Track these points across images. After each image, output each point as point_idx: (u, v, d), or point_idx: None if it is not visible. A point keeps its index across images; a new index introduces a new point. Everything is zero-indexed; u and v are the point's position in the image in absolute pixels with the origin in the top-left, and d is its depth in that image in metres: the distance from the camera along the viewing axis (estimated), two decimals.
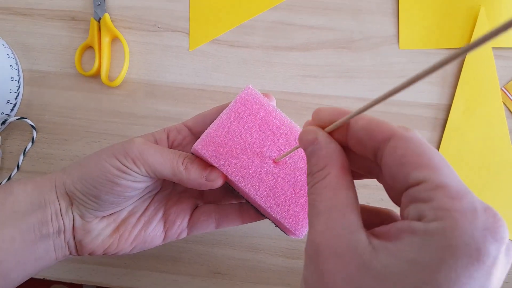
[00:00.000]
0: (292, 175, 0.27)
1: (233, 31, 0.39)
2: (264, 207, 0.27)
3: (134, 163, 0.26)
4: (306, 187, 0.20)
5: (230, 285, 0.37)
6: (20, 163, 0.39)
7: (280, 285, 0.37)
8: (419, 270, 0.14)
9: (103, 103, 0.39)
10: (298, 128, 0.28)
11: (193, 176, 0.26)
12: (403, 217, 0.16)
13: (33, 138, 0.39)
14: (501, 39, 0.38)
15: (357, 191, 0.18)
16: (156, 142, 0.30)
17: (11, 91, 0.38)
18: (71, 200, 0.27)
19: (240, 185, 0.27)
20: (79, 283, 0.39)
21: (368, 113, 0.18)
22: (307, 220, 0.26)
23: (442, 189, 0.15)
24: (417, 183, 0.16)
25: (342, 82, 0.38)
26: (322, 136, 0.19)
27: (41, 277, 0.39)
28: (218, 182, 0.27)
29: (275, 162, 0.28)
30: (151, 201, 0.31)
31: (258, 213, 0.30)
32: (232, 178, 0.27)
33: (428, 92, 0.38)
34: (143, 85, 0.39)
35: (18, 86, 0.39)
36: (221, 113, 0.27)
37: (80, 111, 0.40)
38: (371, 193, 0.37)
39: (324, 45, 0.39)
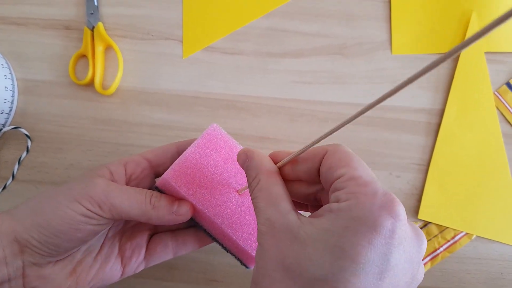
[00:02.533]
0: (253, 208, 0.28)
1: (226, 38, 0.40)
2: (230, 235, 0.28)
3: (100, 207, 0.25)
4: None
5: None
6: (15, 172, 0.39)
7: None
8: (331, 235, 0.18)
9: (97, 111, 0.40)
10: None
11: (162, 213, 0.26)
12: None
13: (28, 147, 0.39)
14: (493, 43, 0.38)
15: None
16: (112, 175, 0.28)
17: (5, 101, 0.38)
18: (22, 248, 0.25)
19: (208, 214, 0.28)
20: None
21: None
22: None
23: (354, 180, 0.19)
24: (337, 178, 0.20)
25: (335, 88, 0.38)
26: (250, 152, 0.24)
27: None
28: (187, 216, 0.27)
29: (239, 194, 0.29)
30: (105, 237, 0.30)
31: (205, 233, 0.31)
32: (200, 207, 0.28)
33: (421, 97, 0.38)
34: (137, 93, 0.39)
35: (12, 96, 0.39)
36: (189, 147, 0.29)
37: (75, 119, 0.40)
38: None
39: (317, 51, 0.39)
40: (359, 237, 0.17)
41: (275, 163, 0.24)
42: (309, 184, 0.24)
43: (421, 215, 0.37)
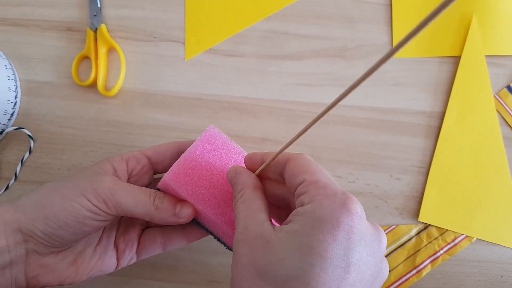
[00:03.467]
0: None
1: (228, 40, 0.40)
2: (232, 233, 0.29)
3: (106, 204, 0.26)
4: None
5: None
6: (17, 173, 0.40)
7: None
8: (299, 236, 0.20)
9: (99, 112, 0.40)
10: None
11: (165, 215, 0.27)
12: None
13: (30, 147, 0.40)
14: (494, 46, 0.38)
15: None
16: (115, 171, 0.29)
17: (8, 101, 0.39)
18: (26, 237, 0.26)
19: (208, 213, 0.29)
20: None
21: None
22: None
23: (314, 184, 0.21)
24: (300, 184, 0.22)
25: (335, 90, 0.39)
26: (239, 169, 0.26)
27: None
28: (189, 218, 0.28)
29: None
30: (103, 230, 0.31)
31: (207, 232, 0.32)
32: (200, 207, 0.29)
33: (421, 100, 0.38)
34: (139, 94, 0.40)
35: (16, 97, 0.39)
36: (188, 149, 0.30)
37: (77, 120, 0.40)
38: (367, 199, 0.38)
39: (317, 54, 0.39)
40: (324, 234, 0.19)
41: (252, 164, 0.26)
42: (279, 184, 0.26)
43: (422, 218, 0.37)
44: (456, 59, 0.39)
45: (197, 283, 0.38)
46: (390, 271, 0.37)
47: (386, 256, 0.37)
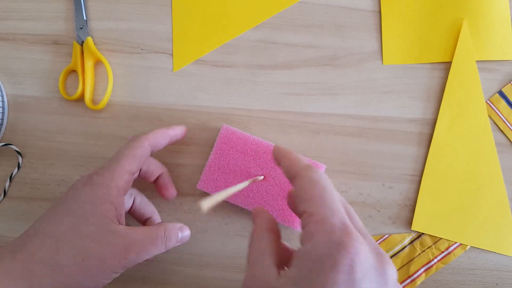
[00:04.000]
0: (278, 185, 0.35)
1: (217, 51, 0.39)
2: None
3: (123, 267, 0.28)
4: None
5: None
6: (6, 189, 0.39)
7: None
8: (299, 281, 0.19)
9: (88, 126, 0.39)
10: (268, 143, 0.35)
11: (171, 245, 0.31)
12: None
13: (19, 163, 0.39)
14: (484, 52, 0.38)
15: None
16: (116, 210, 0.29)
17: None
18: None
19: (241, 206, 0.35)
20: None
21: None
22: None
23: (311, 217, 0.21)
24: (301, 215, 0.22)
25: (326, 99, 0.38)
26: (256, 211, 0.27)
27: None
28: (188, 238, 0.33)
29: (262, 179, 0.35)
30: None
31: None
32: (233, 203, 0.35)
33: (412, 107, 0.38)
34: (127, 107, 0.39)
35: (3, 113, 0.39)
36: (210, 155, 0.36)
37: (65, 135, 0.39)
38: (360, 209, 0.37)
39: (307, 63, 0.39)
40: (323, 277, 0.18)
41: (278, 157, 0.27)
42: None
43: (415, 227, 0.37)
44: (448, 65, 0.38)
45: None
46: None
47: None
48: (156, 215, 0.36)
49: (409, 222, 0.37)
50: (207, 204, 0.26)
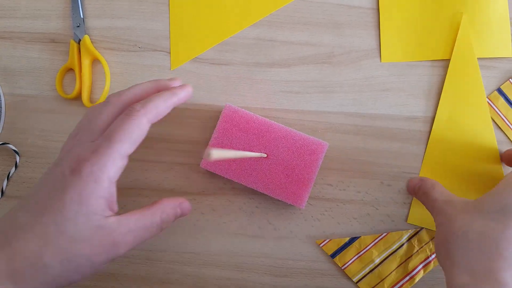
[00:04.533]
0: (281, 163, 0.35)
1: (214, 49, 0.39)
2: (268, 194, 0.35)
3: (116, 258, 0.27)
4: (295, 170, 0.35)
5: None
6: (4, 188, 0.39)
7: None
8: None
9: None
10: (271, 122, 0.35)
11: (170, 222, 0.29)
12: None
13: (16, 162, 0.39)
14: (483, 48, 0.38)
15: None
16: (107, 202, 0.26)
17: None
18: None
19: (244, 184, 0.35)
20: None
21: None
22: (303, 193, 0.35)
23: None
24: None
25: (324, 97, 0.38)
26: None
27: None
28: (189, 209, 0.31)
29: (265, 157, 0.35)
30: None
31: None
32: (237, 180, 0.35)
33: (411, 105, 0.38)
34: None
35: (0, 112, 0.39)
36: (213, 134, 0.36)
37: (63, 134, 0.39)
38: (358, 207, 0.37)
39: (305, 61, 0.39)
40: None
41: None
42: None
43: (411, 220, 0.36)
44: (446, 62, 0.38)
45: None
46: (383, 280, 0.36)
47: (378, 265, 0.37)
48: None
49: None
50: (216, 154, 0.26)
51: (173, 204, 0.29)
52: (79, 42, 0.39)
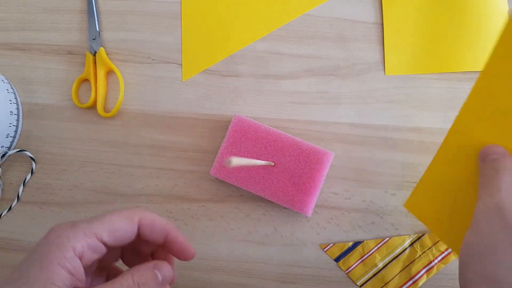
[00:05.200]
0: (288, 171, 0.36)
1: (224, 61, 0.41)
2: (275, 202, 0.36)
3: None
4: (302, 178, 0.36)
5: None
6: (20, 194, 0.40)
7: None
8: None
9: (99, 133, 0.41)
10: (279, 132, 0.37)
11: None
12: None
13: (32, 169, 0.41)
14: None
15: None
16: (71, 275, 0.22)
17: (10, 125, 0.40)
18: None
19: (252, 191, 0.36)
20: None
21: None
22: (309, 201, 0.36)
23: None
24: None
25: (330, 108, 0.39)
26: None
27: None
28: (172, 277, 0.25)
29: (273, 166, 0.36)
30: None
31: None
32: (245, 188, 0.37)
33: (414, 117, 0.39)
34: (138, 115, 0.41)
35: (17, 120, 0.40)
36: (222, 143, 0.37)
37: (77, 141, 0.41)
38: (363, 216, 0.38)
39: (312, 73, 0.40)
40: None
41: None
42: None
43: (407, 205, 0.35)
44: (448, 75, 0.39)
45: None
46: (386, 283, 0.37)
47: (381, 269, 0.37)
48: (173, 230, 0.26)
49: (412, 229, 0.38)
50: (235, 161, 0.27)
51: (145, 267, 0.24)
52: (94, 54, 0.41)
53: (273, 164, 0.36)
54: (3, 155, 0.40)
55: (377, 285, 0.37)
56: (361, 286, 0.37)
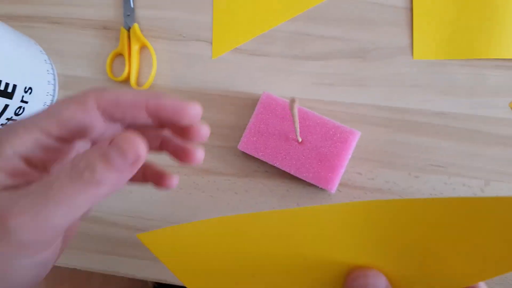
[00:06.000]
0: (315, 149, 0.37)
1: (254, 40, 0.42)
2: (300, 177, 0.37)
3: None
4: (327, 156, 0.37)
5: None
6: None
7: None
8: None
9: None
10: (306, 110, 0.38)
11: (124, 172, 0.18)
12: None
13: None
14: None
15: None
16: (8, 174, 0.19)
17: (47, 94, 0.41)
18: None
19: (278, 166, 0.37)
20: (107, 273, 0.42)
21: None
22: (333, 177, 0.37)
23: None
24: None
25: (356, 90, 0.40)
26: None
27: (72, 267, 0.42)
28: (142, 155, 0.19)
29: (298, 142, 0.37)
30: None
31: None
32: (271, 163, 0.38)
33: (439, 101, 0.40)
34: (169, 90, 0.42)
35: (54, 90, 0.42)
36: (250, 119, 0.38)
37: None
38: (386, 196, 0.39)
39: (339, 55, 0.41)
40: None
41: None
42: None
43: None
44: (477, 61, 0.40)
45: None
46: None
47: None
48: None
49: None
50: (295, 103, 0.26)
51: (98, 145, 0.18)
52: (129, 29, 0.42)
53: (300, 140, 0.37)
54: None
55: None
56: None
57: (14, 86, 0.36)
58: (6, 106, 0.36)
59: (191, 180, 0.41)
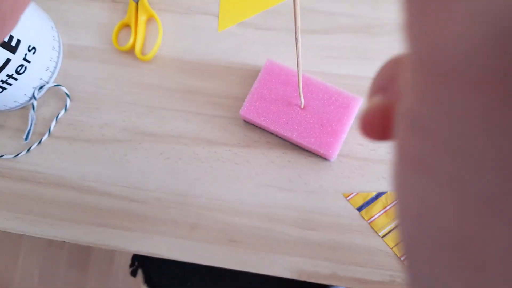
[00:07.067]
0: (317, 114, 0.37)
1: (259, 15, 0.43)
2: (301, 142, 0.37)
3: None
4: (329, 121, 0.36)
5: (243, 253, 0.38)
6: (51, 129, 0.42)
7: (293, 255, 0.37)
8: None
9: (135, 76, 0.42)
10: (309, 76, 0.37)
11: None
12: None
13: (66, 105, 0.42)
14: None
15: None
16: None
17: (51, 59, 0.41)
18: None
19: (279, 131, 0.37)
20: (97, 246, 0.40)
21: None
22: (334, 144, 0.36)
23: None
24: None
25: (360, 64, 0.41)
26: None
27: (60, 239, 0.40)
28: None
29: (301, 108, 0.37)
30: None
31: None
32: (272, 128, 0.37)
33: None
34: (173, 61, 0.42)
35: (58, 56, 0.42)
36: (253, 85, 0.38)
37: (113, 83, 0.42)
38: (388, 167, 0.39)
39: (343, 30, 0.41)
40: None
41: None
42: None
43: None
44: None
45: (216, 242, 0.38)
46: None
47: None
48: None
49: None
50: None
51: None
52: (137, 2, 0.43)
53: (303, 105, 0.37)
54: (41, 87, 0.41)
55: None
56: (383, 236, 0.37)
57: (18, 41, 0.36)
58: (8, 60, 0.35)
59: (191, 150, 0.40)
